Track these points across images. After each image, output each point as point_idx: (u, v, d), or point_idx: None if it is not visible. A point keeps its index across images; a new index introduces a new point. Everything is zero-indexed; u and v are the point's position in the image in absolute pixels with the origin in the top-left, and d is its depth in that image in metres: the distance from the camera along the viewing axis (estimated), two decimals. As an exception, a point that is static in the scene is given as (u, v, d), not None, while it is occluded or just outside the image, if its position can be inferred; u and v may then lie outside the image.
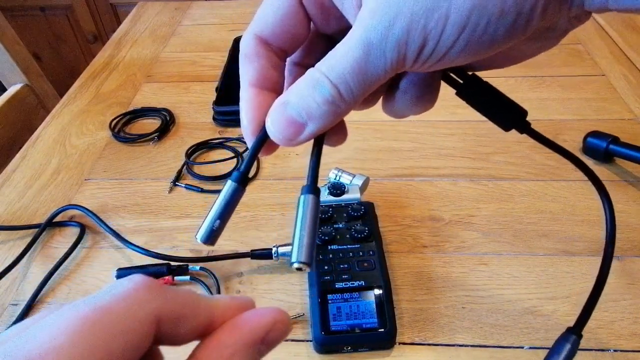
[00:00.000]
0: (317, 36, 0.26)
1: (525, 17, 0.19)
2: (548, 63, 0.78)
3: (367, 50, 0.20)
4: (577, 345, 0.32)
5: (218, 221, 0.23)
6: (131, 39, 0.94)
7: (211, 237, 0.23)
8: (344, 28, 0.24)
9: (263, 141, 0.24)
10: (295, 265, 0.21)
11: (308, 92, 0.21)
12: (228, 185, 0.23)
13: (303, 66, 0.26)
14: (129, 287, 0.17)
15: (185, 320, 0.17)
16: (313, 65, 0.22)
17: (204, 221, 0.23)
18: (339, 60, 0.20)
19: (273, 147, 0.25)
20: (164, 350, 0.19)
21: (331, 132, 0.24)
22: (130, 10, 1.05)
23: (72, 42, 1.83)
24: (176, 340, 0.18)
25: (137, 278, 0.17)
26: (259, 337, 0.18)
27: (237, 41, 0.86)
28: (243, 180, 0.24)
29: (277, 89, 0.25)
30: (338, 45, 0.21)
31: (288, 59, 0.26)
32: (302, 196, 0.23)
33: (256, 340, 0.18)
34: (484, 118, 0.26)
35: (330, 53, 0.21)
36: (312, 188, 0.23)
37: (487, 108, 0.26)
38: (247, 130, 0.24)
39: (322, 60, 0.21)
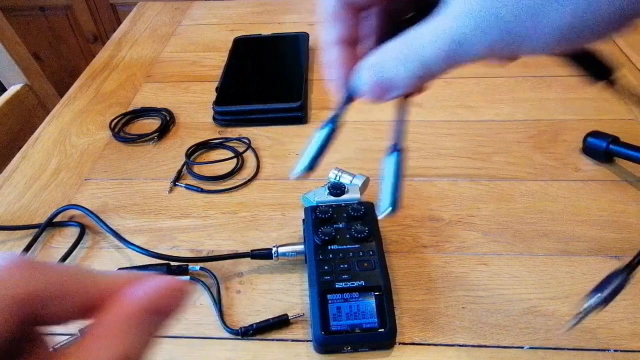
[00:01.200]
0: None
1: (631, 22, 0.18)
2: (548, 63, 0.78)
3: (457, 47, 0.21)
4: (627, 280, 0.35)
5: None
6: (131, 39, 0.94)
7: (311, 168, 0.27)
8: None
9: (354, 95, 0.27)
10: (387, 211, 0.25)
11: (398, 63, 0.23)
12: (325, 128, 0.27)
13: (380, 17, 0.27)
14: None
15: (63, 300, 0.16)
16: (390, 17, 0.24)
17: (302, 158, 0.26)
18: (427, 46, 0.22)
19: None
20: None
21: None
22: (130, 10, 1.05)
23: (72, 42, 1.82)
24: (55, 321, 0.17)
25: (8, 256, 0.16)
26: (143, 308, 0.17)
27: (237, 41, 0.86)
28: (336, 125, 0.27)
29: (357, 44, 0.27)
30: (427, 27, 0.22)
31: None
32: (391, 154, 0.26)
33: (141, 312, 0.17)
34: (483, 118, 0.26)
35: (419, 32, 0.22)
36: (398, 146, 0.26)
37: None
38: (336, 84, 0.27)
39: (411, 36, 0.22)
